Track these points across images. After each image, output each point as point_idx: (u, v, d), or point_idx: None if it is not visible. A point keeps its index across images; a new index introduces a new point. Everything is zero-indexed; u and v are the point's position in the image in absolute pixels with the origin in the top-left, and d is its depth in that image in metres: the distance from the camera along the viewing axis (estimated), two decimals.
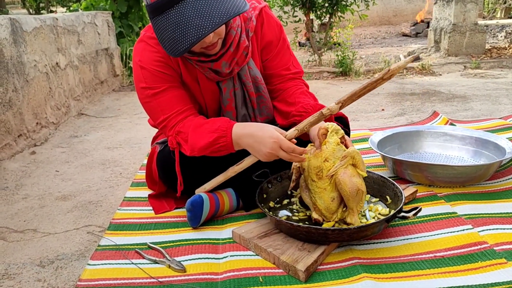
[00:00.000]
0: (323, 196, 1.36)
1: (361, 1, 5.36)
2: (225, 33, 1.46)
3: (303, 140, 1.54)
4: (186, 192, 1.63)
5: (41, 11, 11.86)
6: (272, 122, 1.69)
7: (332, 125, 1.41)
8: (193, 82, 1.58)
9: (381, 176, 1.59)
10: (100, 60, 4.36)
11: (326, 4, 5.37)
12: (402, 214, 1.35)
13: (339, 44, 5.73)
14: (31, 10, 12.46)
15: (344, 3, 5.30)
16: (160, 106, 1.52)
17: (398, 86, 4.12)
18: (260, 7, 1.62)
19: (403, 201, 1.40)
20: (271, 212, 1.51)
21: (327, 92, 3.95)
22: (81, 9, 6.03)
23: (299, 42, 7.69)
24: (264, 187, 1.57)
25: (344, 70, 4.88)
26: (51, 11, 9.72)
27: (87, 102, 3.82)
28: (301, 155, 1.39)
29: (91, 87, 4.01)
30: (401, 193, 1.45)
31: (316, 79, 4.81)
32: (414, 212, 1.33)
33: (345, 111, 1.63)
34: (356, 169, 1.35)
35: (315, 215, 1.40)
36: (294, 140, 1.41)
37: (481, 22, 5.72)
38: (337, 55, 5.12)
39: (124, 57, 5.21)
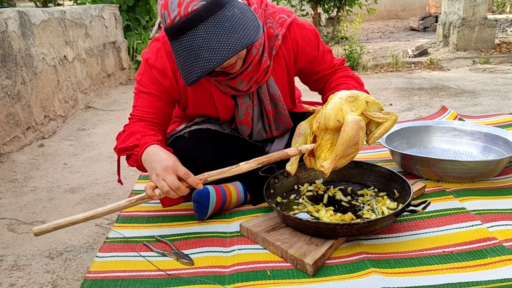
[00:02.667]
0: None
1: None
2: (246, 52, 1.44)
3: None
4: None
5: (48, 4, 11.88)
6: (290, 137, 1.70)
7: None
8: (205, 95, 1.57)
9: (389, 170, 1.58)
10: (107, 53, 4.36)
11: None
12: (411, 208, 1.34)
13: (346, 38, 5.71)
14: (38, 3, 12.49)
15: None
16: (137, 102, 1.54)
17: (406, 81, 4.10)
18: (288, 22, 1.56)
19: (411, 195, 1.39)
20: (278, 207, 1.51)
21: None
22: (88, 2, 6.04)
23: None
24: (271, 182, 1.57)
25: (351, 65, 4.85)
26: (58, 4, 9.72)
27: (94, 95, 3.83)
28: (197, 185, 1.32)
29: (98, 80, 4.02)
30: (409, 187, 1.44)
31: None
32: (423, 206, 1.32)
33: None
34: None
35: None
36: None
37: (490, 16, 5.66)
38: (344, 49, 5.09)
39: (131, 50, 5.22)
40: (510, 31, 7.25)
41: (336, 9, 5.46)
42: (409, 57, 5.71)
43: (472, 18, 5.28)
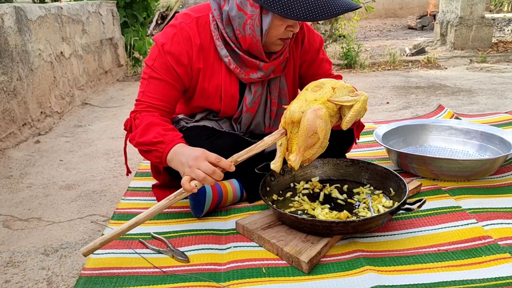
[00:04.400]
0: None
1: None
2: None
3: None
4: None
5: (46, 0, 11.85)
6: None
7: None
8: (212, 85, 1.57)
9: (385, 168, 1.59)
10: (105, 49, 4.35)
11: None
12: (407, 206, 1.34)
13: (344, 36, 5.70)
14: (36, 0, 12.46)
15: None
16: (146, 88, 1.51)
17: (403, 79, 4.10)
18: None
19: (407, 193, 1.39)
20: (274, 205, 1.51)
21: None
22: None
23: None
24: (267, 180, 1.57)
25: (349, 63, 4.86)
26: (56, 0, 9.73)
27: (91, 92, 3.82)
28: (228, 168, 1.31)
29: (95, 77, 4.01)
30: (405, 185, 1.44)
31: None
32: (418, 204, 1.33)
33: None
34: (332, 117, 1.30)
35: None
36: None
37: (488, 15, 5.67)
38: (342, 47, 5.09)
39: (129, 47, 5.20)
40: (508, 30, 7.26)
41: None
42: (407, 55, 5.71)
43: (470, 17, 5.29)
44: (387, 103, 3.16)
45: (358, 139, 1.80)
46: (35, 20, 2.83)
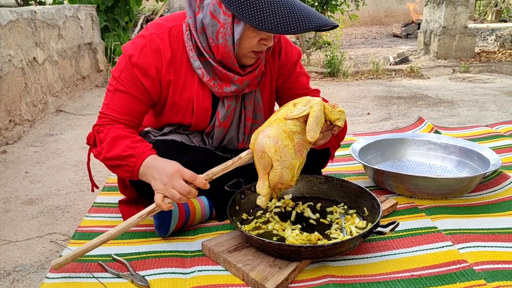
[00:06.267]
0: None
1: (351, 1, 5.30)
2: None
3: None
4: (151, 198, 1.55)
5: (30, 2, 11.65)
6: None
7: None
8: (184, 98, 1.50)
9: (358, 186, 1.53)
10: (83, 55, 4.25)
11: (316, 4, 5.31)
12: (379, 229, 1.28)
13: (329, 44, 5.67)
14: (19, 1, 12.21)
15: (334, 2, 5.24)
16: (111, 100, 1.44)
17: (385, 89, 4.07)
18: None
19: (380, 214, 1.33)
20: (243, 226, 1.44)
21: None
22: (66, 1, 5.90)
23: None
24: (236, 198, 1.49)
25: (332, 71, 4.82)
26: (41, 2, 9.53)
27: (66, 98, 3.71)
28: (204, 186, 1.29)
29: (71, 83, 3.91)
30: (379, 205, 1.38)
31: None
32: (391, 227, 1.27)
33: None
34: (297, 134, 1.25)
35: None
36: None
37: (471, 25, 5.70)
38: (326, 55, 5.05)
39: (109, 51, 5.10)
40: (491, 40, 7.32)
41: None
42: (390, 64, 5.71)
43: (453, 26, 5.30)
44: (368, 114, 3.12)
45: (333, 157, 1.74)
46: (5, 25, 2.73)
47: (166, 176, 1.26)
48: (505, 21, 8.59)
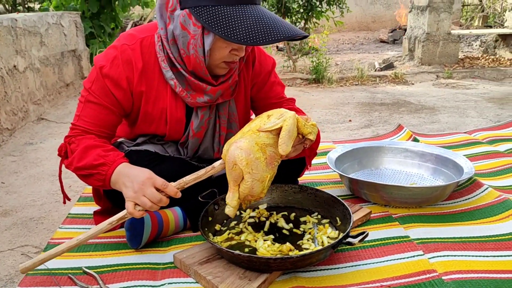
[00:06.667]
0: None
1: (336, 8, 5.34)
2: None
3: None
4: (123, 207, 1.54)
5: (18, 7, 11.56)
6: None
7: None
8: (157, 109, 1.50)
9: (332, 196, 1.53)
10: (66, 62, 4.22)
11: (301, 10, 5.33)
12: (349, 239, 1.28)
13: (316, 50, 5.69)
14: (7, 6, 12.12)
15: (319, 9, 5.27)
16: (82, 111, 1.43)
17: (369, 95, 4.10)
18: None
19: (351, 225, 1.34)
20: (215, 237, 1.43)
21: (298, 101, 3.84)
22: (51, 8, 5.87)
23: (277, 46, 7.64)
24: (209, 209, 1.49)
25: (317, 77, 4.84)
26: (29, 7, 9.47)
27: (49, 106, 3.68)
28: (175, 195, 1.29)
29: (54, 90, 3.88)
30: (350, 215, 1.39)
31: (289, 86, 4.76)
32: (360, 238, 1.27)
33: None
34: (270, 146, 1.24)
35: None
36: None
37: (454, 31, 5.76)
38: (312, 61, 5.08)
39: None
40: (476, 45, 7.40)
41: (303, 21, 5.45)
42: (376, 70, 5.75)
43: (436, 33, 5.36)
44: (350, 121, 3.13)
45: (310, 166, 1.74)
46: None
47: (137, 184, 1.26)
48: (491, 27, 8.70)
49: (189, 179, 1.31)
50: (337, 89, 4.50)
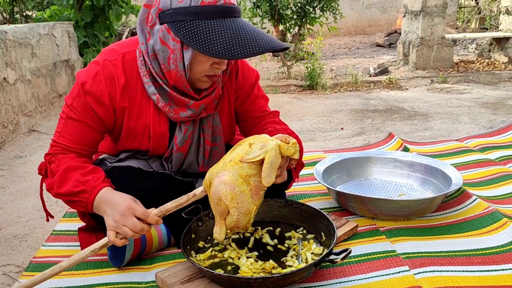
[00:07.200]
0: None
1: (330, 14, 5.33)
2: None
3: None
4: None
5: (15, 16, 11.57)
6: None
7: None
8: (140, 124, 1.48)
9: (317, 210, 1.51)
10: (59, 72, 4.21)
11: (295, 16, 5.33)
12: (331, 257, 1.26)
13: (313, 54, 5.67)
14: (4, 15, 12.14)
15: (312, 15, 5.26)
16: (63, 128, 1.42)
17: (363, 101, 4.08)
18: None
19: (334, 241, 1.32)
20: (198, 255, 1.41)
21: (291, 108, 3.88)
22: (45, 17, 5.87)
23: (273, 53, 7.64)
24: (192, 226, 1.47)
25: (311, 84, 4.83)
26: (27, 16, 9.50)
27: (41, 118, 3.67)
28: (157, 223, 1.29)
29: (46, 101, 3.87)
30: (334, 231, 1.37)
31: (283, 93, 4.74)
32: (343, 255, 1.25)
33: (303, 129, 1.54)
34: (253, 176, 1.24)
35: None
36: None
37: (448, 35, 5.76)
38: (307, 67, 5.06)
39: None
40: (471, 49, 7.39)
41: (297, 27, 5.44)
42: (370, 75, 5.74)
43: (430, 37, 5.35)
44: (342, 129, 3.12)
45: (298, 178, 1.72)
46: None
47: (117, 214, 1.26)
48: (487, 29, 8.69)
49: (171, 207, 1.31)
50: (331, 95, 4.48)
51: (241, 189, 1.21)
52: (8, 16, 12.16)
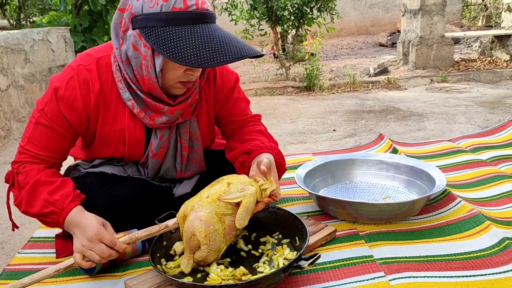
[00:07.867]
0: None
1: (327, 15, 5.29)
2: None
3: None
4: None
5: (22, 22, 11.66)
6: (201, 178, 1.64)
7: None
8: (114, 130, 1.46)
9: (292, 215, 1.48)
10: None
11: (292, 18, 5.30)
12: (300, 263, 1.23)
13: (313, 54, 5.62)
14: (11, 21, 12.26)
15: (310, 16, 5.23)
16: (32, 134, 1.39)
17: (359, 102, 4.04)
18: None
19: (305, 246, 1.28)
20: (169, 263, 1.39)
21: (285, 110, 3.84)
22: (44, 23, 5.91)
23: (274, 54, 7.61)
24: (165, 233, 1.44)
25: (308, 85, 4.79)
26: (33, 21, 9.59)
27: None
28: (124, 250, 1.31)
29: None
30: (307, 235, 1.34)
31: (280, 94, 4.71)
32: (310, 261, 1.21)
33: (295, 131, 1.52)
34: (228, 216, 1.26)
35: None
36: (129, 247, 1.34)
37: (448, 34, 5.69)
38: (305, 68, 5.03)
39: None
40: (475, 47, 7.30)
41: (295, 29, 5.41)
42: (370, 75, 5.68)
43: (430, 36, 5.29)
44: (334, 130, 3.07)
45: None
46: None
47: (85, 238, 1.26)
48: (492, 27, 8.58)
49: (141, 235, 1.32)
50: (328, 96, 4.44)
51: (216, 228, 1.24)
52: (14, 22, 12.29)
